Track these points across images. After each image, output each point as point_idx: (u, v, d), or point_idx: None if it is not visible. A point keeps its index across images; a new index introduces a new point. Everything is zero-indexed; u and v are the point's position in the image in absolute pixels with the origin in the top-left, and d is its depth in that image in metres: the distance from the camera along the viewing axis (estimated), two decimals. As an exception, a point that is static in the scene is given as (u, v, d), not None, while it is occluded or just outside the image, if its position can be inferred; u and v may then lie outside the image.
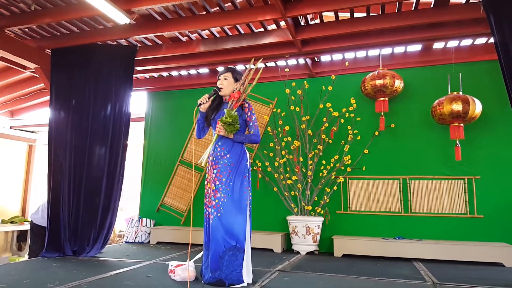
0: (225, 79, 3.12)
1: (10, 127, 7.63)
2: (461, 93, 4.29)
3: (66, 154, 4.40)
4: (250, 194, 3.06)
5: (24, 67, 5.06)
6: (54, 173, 4.35)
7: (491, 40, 4.40)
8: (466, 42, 4.64)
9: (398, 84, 4.49)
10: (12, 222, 6.93)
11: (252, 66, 3.13)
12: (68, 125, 4.48)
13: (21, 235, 7.14)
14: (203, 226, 3.07)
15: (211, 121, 3.14)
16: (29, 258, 4.64)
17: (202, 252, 3.09)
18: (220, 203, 2.91)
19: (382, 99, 4.60)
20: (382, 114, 4.63)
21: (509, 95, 3.36)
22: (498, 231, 4.36)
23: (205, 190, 3.10)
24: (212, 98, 3.10)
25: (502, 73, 3.42)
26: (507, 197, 4.39)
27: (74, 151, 4.41)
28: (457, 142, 4.36)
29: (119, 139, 4.47)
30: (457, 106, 4.15)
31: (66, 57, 4.65)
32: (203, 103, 3.05)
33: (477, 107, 4.16)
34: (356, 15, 4.20)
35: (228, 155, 3.01)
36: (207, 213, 3.04)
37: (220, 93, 3.11)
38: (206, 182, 3.11)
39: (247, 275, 2.92)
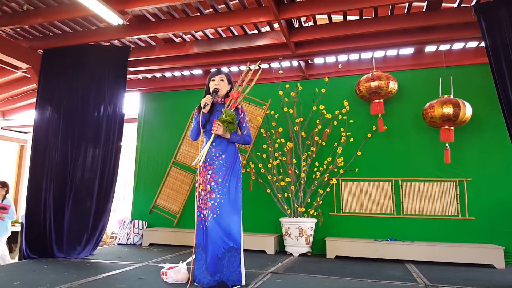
0: (221, 80, 3.11)
1: (2, 128, 7.58)
2: (452, 96, 4.32)
3: (58, 156, 4.36)
4: (241, 195, 3.06)
5: (16, 67, 5.02)
6: (39, 175, 4.31)
7: (482, 44, 4.46)
8: (458, 45, 4.70)
9: (393, 85, 4.52)
10: (2, 223, 6.84)
11: (250, 67, 3.12)
12: (59, 127, 4.43)
13: (12, 236, 7.05)
14: (196, 229, 3.01)
15: (207, 123, 3.11)
16: (19, 260, 4.60)
17: (194, 255, 3.05)
18: (217, 204, 2.88)
19: (377, 100, 4.62)
20: (380, 115, 4.65)
21: (499, 98, 3.41)
22: (489, 233, 4.40)
23: (197, 193, 3.03)
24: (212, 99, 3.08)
25: (492, 76, 3.48)
26: (498, 199, 4.44)
27: (65, 153, 4.37)
28: (447, 145, 4.40)
29: (112, 140, 4.44)
30: (448, 110, 4.18)
31: (58, 57, 4.62)
32: (208, 104, 3.00)
33: (467, 111, 4.20)
34: (349, 17, 4.23)
35: (223, 156, 3.00)
36: (202, 215, 2.99)
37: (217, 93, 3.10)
38: (197, 184, 3.04)
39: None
